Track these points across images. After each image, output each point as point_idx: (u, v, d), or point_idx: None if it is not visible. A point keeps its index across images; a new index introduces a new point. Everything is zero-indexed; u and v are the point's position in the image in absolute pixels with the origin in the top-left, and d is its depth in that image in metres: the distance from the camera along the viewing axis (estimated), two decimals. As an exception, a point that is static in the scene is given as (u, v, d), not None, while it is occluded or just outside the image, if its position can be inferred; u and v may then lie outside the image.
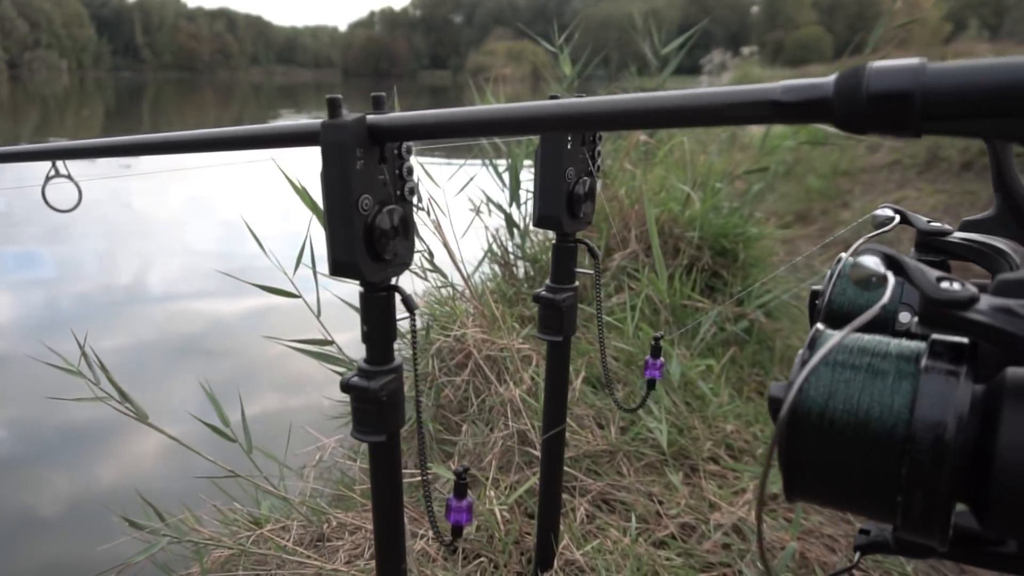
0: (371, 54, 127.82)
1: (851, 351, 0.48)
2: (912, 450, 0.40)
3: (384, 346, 0.96)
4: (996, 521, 0.41)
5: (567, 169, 1.20)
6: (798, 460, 0.44)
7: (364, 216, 0.86)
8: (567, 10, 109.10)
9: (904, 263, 0.46)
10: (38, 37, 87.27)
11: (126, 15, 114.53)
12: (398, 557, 1.05)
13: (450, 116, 0.80)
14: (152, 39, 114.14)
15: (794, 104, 0.54)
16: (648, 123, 0.71)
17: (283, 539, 1.33)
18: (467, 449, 1.67)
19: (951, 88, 0.43)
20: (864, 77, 0.47)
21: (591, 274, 1.34)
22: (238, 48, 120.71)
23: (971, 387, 0.43)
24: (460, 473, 0.98)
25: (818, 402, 0.44)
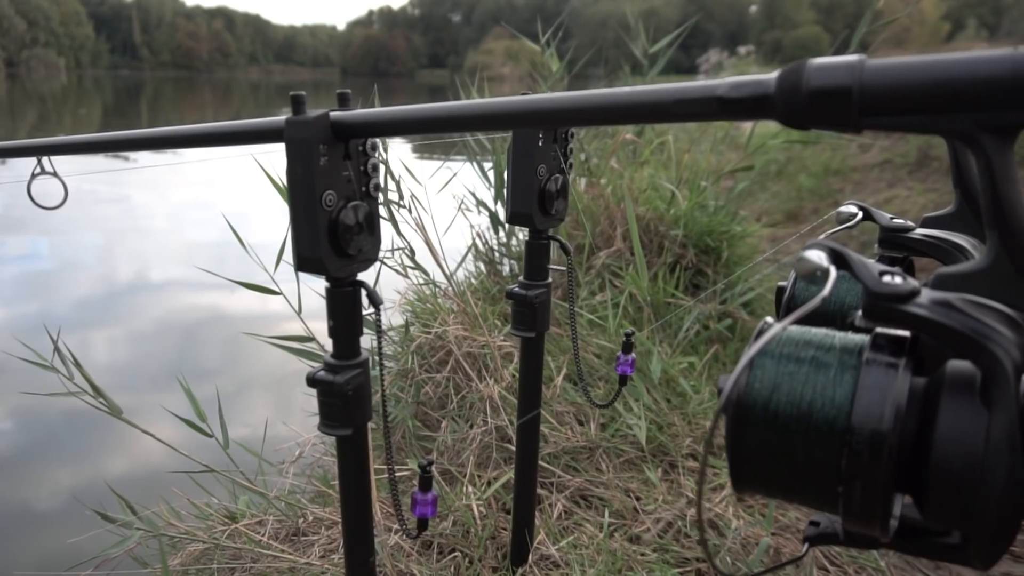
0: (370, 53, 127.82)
1: (797, 344, 0.48)
2: (851, 441, 0.41)
3: (350, 341, 0.96)
4: (934, 511, 0.42)
5: (539, 166, 1.21)
6: (743, 452, 0.45)
7: (328, 212, 0.87)
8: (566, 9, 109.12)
9: (848, 257, 0.46)
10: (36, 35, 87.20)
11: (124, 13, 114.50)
12: (367, 550, 1.06)
13: (412, 113, 0.81)
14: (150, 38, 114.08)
15: (738, 100, 0.55)
16: (599, 120, 0.72)
17: (258, 534, 1.34)
18: (446, 445, 1.68)
19: (888, 84, 0.43)
20: (805, 74, 0.47)
21: (563, 270, 1.35)
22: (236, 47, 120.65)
23: (909, 379, 0.44)
24: (424, 467, 0.99)
25: (763, 394, 0.45)
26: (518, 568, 1.39)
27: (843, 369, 0.43)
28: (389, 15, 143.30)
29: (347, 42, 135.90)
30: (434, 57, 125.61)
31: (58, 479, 2.28)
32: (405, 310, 2.00)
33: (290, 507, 1.43)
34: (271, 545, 1.29)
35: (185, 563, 1.29)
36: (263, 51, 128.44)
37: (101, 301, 4.54)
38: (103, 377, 1.39)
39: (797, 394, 0.44)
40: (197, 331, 3.90)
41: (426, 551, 1.39)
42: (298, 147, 0.85)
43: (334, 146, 0.87)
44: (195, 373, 3.12)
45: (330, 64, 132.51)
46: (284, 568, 1.25)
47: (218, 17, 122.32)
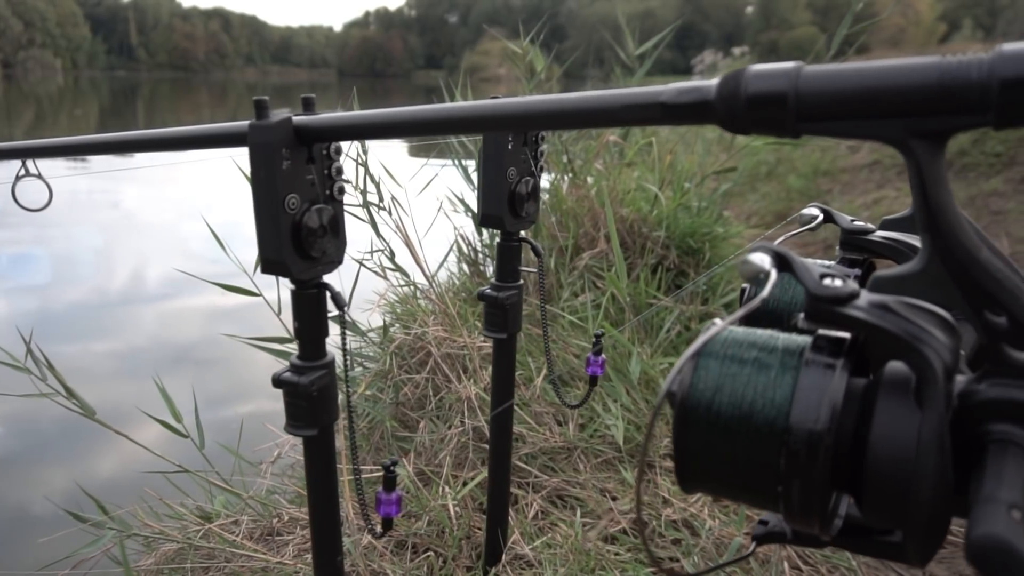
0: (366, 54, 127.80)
1: (741, 345, 0.49)
2: (789, 441, 0.41)
3: (315, 342, 0.98)
4: (871, 510, 0.43)
5: (508, 169, 1.22)
6: (688, 452, 0.46)
7: (291, 215, 0.88)
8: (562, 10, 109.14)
9: (791, 260, 0.47)
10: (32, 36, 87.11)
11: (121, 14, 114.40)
12: (334, 549, 1.07)
13: (374, 117, 0.82)
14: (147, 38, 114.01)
15: (680, 106, 0.56)
16: (548, 125, 0.73)
17: (232, 534, 1.35)
18: (424, 446, 1.69)
19: (823, 91, 0.44)
20: (743, 80, 0.48)
21: (535, 272, 1.36)
22: (233, 48, 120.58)
23: (846, 380, 0.44)
24: (387, 467, 1.00)
25: (706, 395, 0.45)
26: (491, 568, 1.40)
27: (784, 370, 0.44)
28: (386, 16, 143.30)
29: (344, 43, 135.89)
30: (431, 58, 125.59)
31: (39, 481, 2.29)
32: (385, 311, 2.00)
33: (265, 507, 1.44)
34: (244, 545, 1.30)
35: (159, 563, 1.30)
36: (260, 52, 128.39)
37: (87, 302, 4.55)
38: (88, 378, 1.41)
39: (739, 395, 0.44)
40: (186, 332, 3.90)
41: (400, 551, 1.40)
42: (261, 151, 0.86)
43: (297, 150, 0.88)
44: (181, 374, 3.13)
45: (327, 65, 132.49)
46: (257, 568, 1.26)
47: (215, 18, 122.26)
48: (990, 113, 0.39)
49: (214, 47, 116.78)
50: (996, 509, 0.37)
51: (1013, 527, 0.36)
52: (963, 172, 4.54)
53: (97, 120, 22.58)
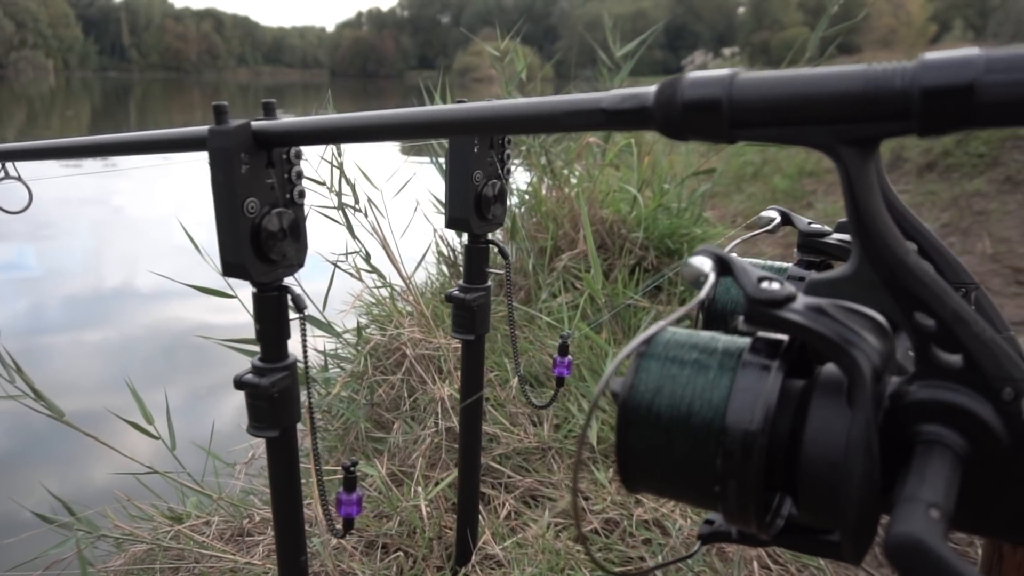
0: (359, 54, 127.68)
1: (682, 347, 0.49)
2: (725, 442, 0.42)
3: (276, 344, 0.99)
4: (806, 509, 0.43)
5: (474, 172, 1.23)
6: (629, 452, 0.46)
7: (250, 218, 0.90)
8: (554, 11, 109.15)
9: (732, 263, 0.48)
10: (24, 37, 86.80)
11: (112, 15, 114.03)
12: (297, 549, 1.08)
13: (332, 122, 0.83)
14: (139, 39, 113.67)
15: (620, 112, 0.57)
16: (493, 129, 0.74)
17: (203, 535, 1.35)
18: (397, 446, 1.70)
19: (755, 98, 0.44)
20: (679, 87, 0.49)
21: (502, 273, 1.37)
22: (225, 48, 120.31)
23: (781, 381, 0.45)
24: (347, 468, 1.01)
25: (646, 396, 0.46)
26: (461, 568, 1.41)
27: (722, 371, 0.45)
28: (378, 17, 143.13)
29: (336, 44, 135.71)
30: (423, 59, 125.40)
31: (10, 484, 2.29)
32: (361, 313, 2.01)
33: (236, 508, 1.45)
34: (213, 545, 1.31)
35: (128, 563, 1.31)
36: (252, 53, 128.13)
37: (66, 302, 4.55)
38: (69, 381, 1.41)
39: (678, 396, 0.45)
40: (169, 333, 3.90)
41: (370, 551, 1.41)
42: (220, 156, 0.88)
43: (256, 155, 0.89)
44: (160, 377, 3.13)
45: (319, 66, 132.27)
46: (225, 568, 1.27)
47: (207, 19, 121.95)
48: (913, 120, 0.39)
49: (206, 48, 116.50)
50: (915, 508, 0.37)
51: (930, 526, 0.36)
52: (947, 173, 4.57)
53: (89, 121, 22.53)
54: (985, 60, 0.38)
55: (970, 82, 0.38)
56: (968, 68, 0.39)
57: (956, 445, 0.43)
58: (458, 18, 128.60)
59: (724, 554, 1.53)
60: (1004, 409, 0.41)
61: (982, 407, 0.41)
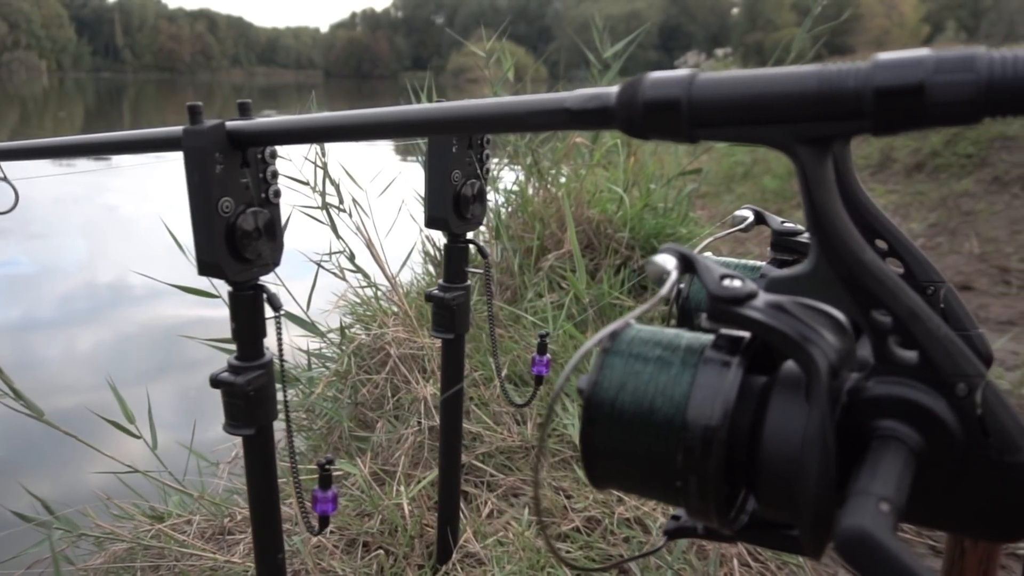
0: (353, 55, 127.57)
1: (646, 344, 0.50)
2: (686, 437, 0.42)
3: (252, 343, 0.99)
4: (766, 504, 0.44)
5: (453, 172, 1.24)
6: (593, 449, 0.47)
7: (225, 218, 0.90)
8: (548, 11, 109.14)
9: (695, 261, 0.48)
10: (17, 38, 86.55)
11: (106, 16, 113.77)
12: (275, 546, 1.09)
13: (305, 122, 0.84)
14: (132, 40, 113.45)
15: (584, 111, 0.57)
16: (459, 129, 0.75)
17: (184, 534, 1.36)
18: (381, 445, 1.70)
19: (713, 98, 0.45)
20: (640, 87, 0.49)
21: (481, 273, 1.38)
22: (219, 49, 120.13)
23: (740, 377, 0.45)
24: (322, 465, 1.02)
25: (610, 393, 0.46)
26: (442, 566, 1.42)
27: (684, 368, 0.45)
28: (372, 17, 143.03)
29: (330, 44, 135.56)
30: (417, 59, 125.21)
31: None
32: (346, 312, 2.02)
33: (217, 507, 1.45)
34: (193, 544, 1.32)
35: (108, 562, 1.31)
36: (246, 53, 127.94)
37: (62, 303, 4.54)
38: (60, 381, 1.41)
39: (641, 392, 0.45)
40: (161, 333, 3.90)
41: (351, 549, 1.42)
42: (194, 155, 0.89)
43: (231, 154, 0.90)
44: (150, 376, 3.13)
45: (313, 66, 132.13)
46: (205, 567, 1.28)
47: (200, 19, 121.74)
48: (867, 120, 0.40)
49: (200, 48, 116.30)
50: (865, 502, 0.38)
51: (879, 519, 0.37)
52: (935, 173, 4.59)
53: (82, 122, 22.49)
54: (935, 60, 0.38)
55: (920, 82, 0.39)
56: (918, 68, 0.39)
57: (911, 440, 0.44)
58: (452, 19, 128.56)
59: (703, 551, 1.54)
60: (958, 404, 0.41)
61: (936, 402, 0.42)
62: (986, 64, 0.37)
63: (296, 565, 1.33)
